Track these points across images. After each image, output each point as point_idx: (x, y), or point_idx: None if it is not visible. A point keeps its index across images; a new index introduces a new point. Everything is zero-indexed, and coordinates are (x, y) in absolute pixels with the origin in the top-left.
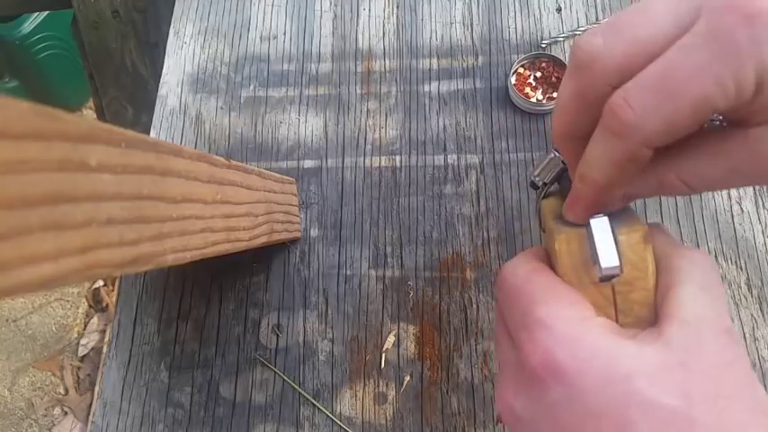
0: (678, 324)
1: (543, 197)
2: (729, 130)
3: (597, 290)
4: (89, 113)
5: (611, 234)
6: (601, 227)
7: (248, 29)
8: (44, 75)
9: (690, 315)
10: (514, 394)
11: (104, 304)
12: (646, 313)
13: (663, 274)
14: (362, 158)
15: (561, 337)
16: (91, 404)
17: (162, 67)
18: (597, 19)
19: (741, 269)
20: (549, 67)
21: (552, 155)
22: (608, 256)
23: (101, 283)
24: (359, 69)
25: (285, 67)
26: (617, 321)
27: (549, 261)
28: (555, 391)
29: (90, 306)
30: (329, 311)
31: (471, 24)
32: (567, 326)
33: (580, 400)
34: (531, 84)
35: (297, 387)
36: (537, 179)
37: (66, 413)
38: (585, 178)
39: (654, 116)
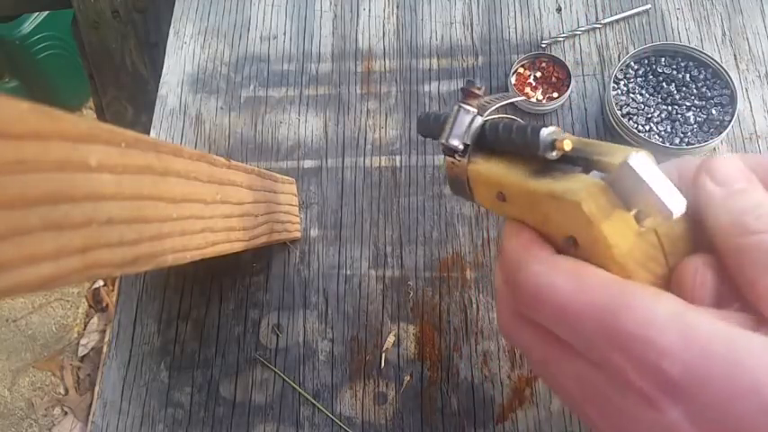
0: None
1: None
2: None
3: (642, 239)
4: (89, 113)
5: (661, 171)
6: (648, 167)
7: (248, 29)
8: (44, 75)
9: None
10: (612, 421)
11: (104, 304)
12: (689, 247)
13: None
14: (362, 158)
15: (668, 347)
16: (91, 404)
17: (162, 67)
18: (597, 19)
19: None
20: (549, 67)
21: (461, 107)
22: (675, 199)
23: (101, 283)
24: (359, 69)
25: (285, 67)
26: (667, 265)
27: (537, 230)
28: (673, 413)
29: (90, 306)
30: (329, 311)
31: (471, 24)
32: (668, 329)
33: (708, 417)
34: (531, 84)
35: (297, 387)
36: (455, 142)
37: (66, 413)
38: None
39: None
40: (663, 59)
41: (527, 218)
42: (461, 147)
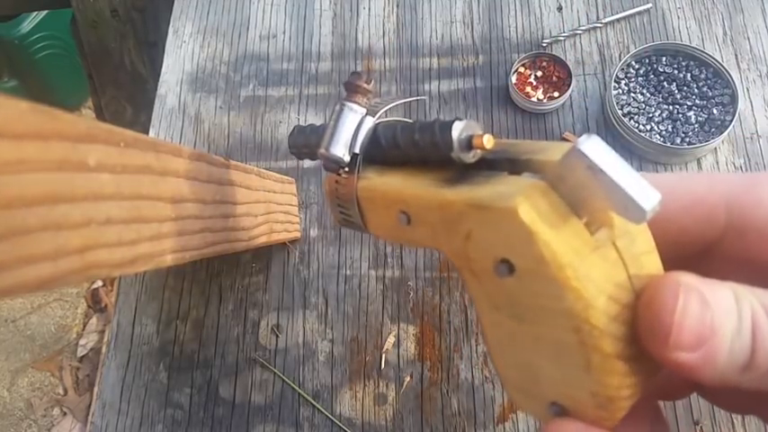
0: None
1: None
2: None
3: (599, 256)
4: (88, 113)
5: (620, 158)
6: (606, 153)
7: (247, 28)
8: (43, 74)
9: None
10: None
11: (103, 305)
12: (655, 264)
13: None
14: None
15: None
16: (90, 405)
17: (161, 67)
18: (597, 18)
19: None
20: (549, 67)
21: (345, 106)
22: (647, 193)
23: (100, 283)
24: (359, 68)
25: (285, 66)
26: (630, 285)
27: (457, 259)
28: None
29: (89, 306)
30: (329, 312)
31: (472, 23)
32: None
33: None
34: (531, 83)
35: (296, 388)
36: (339, 152)
37: (65, 413)
38: None
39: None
40: (664, 59)
41: (441, 243)
42: (348, 157)
